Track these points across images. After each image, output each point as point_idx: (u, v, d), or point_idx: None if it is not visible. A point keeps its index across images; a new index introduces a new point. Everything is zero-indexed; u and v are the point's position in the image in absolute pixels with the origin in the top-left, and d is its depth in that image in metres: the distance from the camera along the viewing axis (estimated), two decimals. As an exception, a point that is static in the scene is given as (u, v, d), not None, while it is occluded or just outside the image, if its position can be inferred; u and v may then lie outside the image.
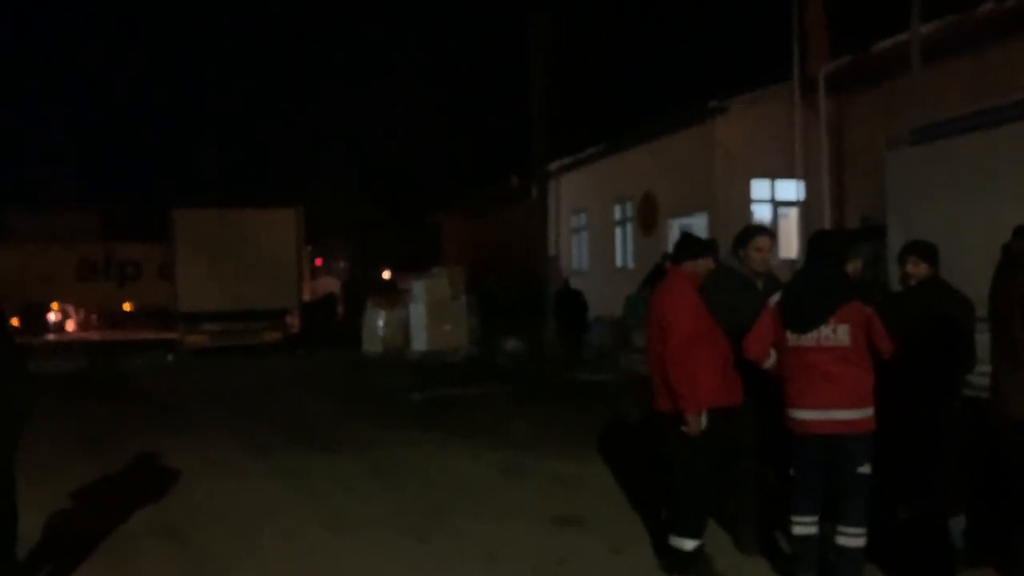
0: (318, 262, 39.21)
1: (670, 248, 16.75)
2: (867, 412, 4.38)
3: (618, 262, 18.90)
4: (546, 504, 6.34)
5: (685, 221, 16.13)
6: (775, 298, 4.64)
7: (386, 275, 33.37)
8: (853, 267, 5.43)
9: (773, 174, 15.12)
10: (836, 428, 4.36)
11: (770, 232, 5.49)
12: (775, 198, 15.35)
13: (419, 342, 18.42)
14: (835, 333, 4.39)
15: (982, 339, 4.83)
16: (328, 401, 12.16)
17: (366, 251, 39.24)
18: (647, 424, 8.90)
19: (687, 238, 5.25)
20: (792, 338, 4.50)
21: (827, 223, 14.23)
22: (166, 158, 50.09)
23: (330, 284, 33.73)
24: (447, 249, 29.92)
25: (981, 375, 4.76)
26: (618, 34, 26.67)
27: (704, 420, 4.79)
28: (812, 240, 4.77)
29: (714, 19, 24.46)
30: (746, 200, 15.04)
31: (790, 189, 15.02)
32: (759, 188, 15.27)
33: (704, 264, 5.02)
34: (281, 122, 41.96)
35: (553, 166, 20.52)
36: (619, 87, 26.46)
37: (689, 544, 4.80)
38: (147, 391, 13.86)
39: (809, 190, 14.76)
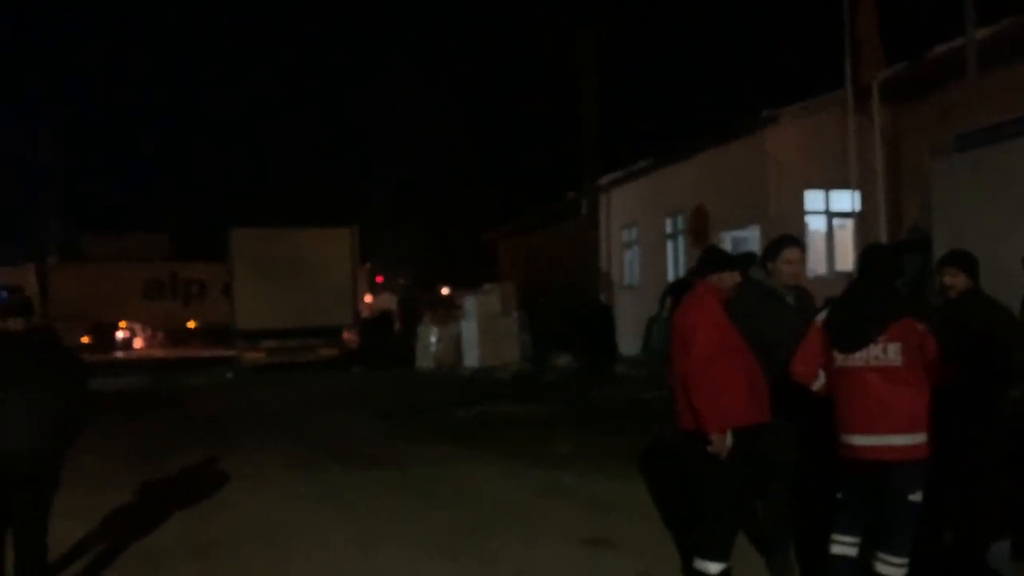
0: (379, 279, 39.66)
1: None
2: (922, 437, 4.15)
3: (670, 276, 18.66)
4: (580, 525, 6.24)
5: (738, 234, 15.86)
6: (822, 315, 4.45)
7: (444, 291, 33.57)
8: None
9: (827, 185, 14.76)
10: (890, 455, 4.14)
11: (800, 244, 5.30)
12: (829, 209, 14.97)
13: (471, 358, 18.44)
14: (885, 353, 4.16)
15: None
16: (376, 417, 12.23)
17: (426, 269, 39.64)
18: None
19: (712, 250, 5.12)
20: (840, 358, 4.29)
21: (883, 234, 13.84)
22: (231, 181, 51.40)
23: (389, 301, 34.06)
24: (502, 266, 29.98)
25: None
26: (668, 45, 26.51)
27: (729, 439, 4.65)
28: (862, 254, 4.57)
29: (765, 28, 24.14)
30: (799, 212, 14.70)
31: (845, 200, 14.65)
32: (813, 199, 14.91)
33: (730, 278, 4.87)
34: (341, 144, 42.77)
35: (604, 180, 20.43)
36: (669, 99, 26.28)
37: (714, 568, 4.65)
38: (202, 407, 14.14)
39: (864, 201, 14.38)
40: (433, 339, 19.61)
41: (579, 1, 19.23)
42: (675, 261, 18.44)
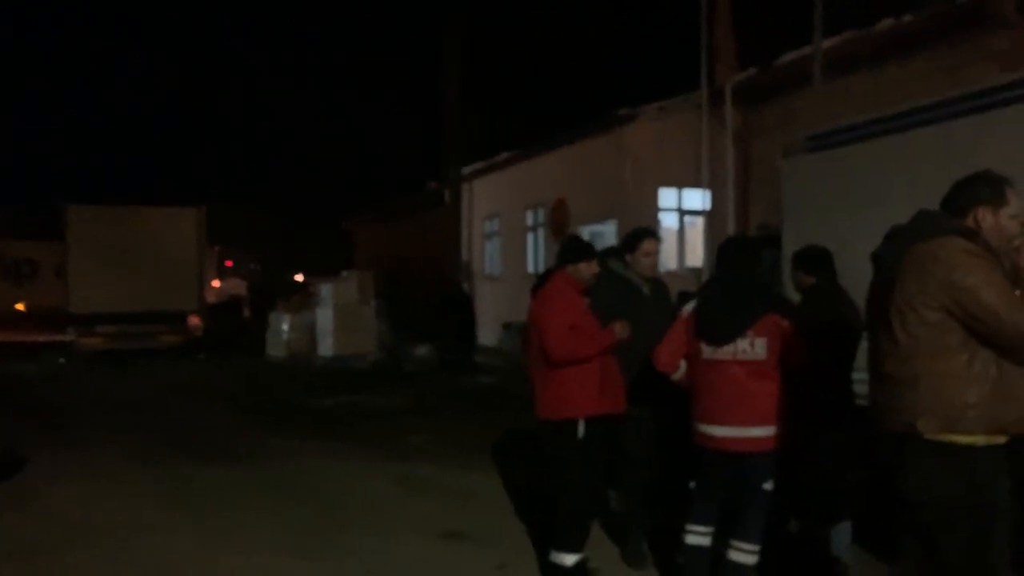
0: (228, 263, 38.24)
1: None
2: (774, 429, 4.27)
3: (529, 267, 18.83)
4: (437, 519, 6.13)
5: (595, 228, 16.14)
6: (689, 308, 4.48)
7: (298, 278, 32.67)
8: None
9: (680, 183, 15.23)
10: (748, 446, 4.24)
11: (657, 236, 5.39)
12: (682, 207, 15.47)
13: (325, 347, 17.99)
14: (752, 347, 4.25)
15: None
16: (225, 409, 11.70)
17: (280, 254, 38.51)
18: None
19: (571, 240, 5.07)
20: (707, 351, 4.34)
21: (731, 232, 14.40)
22: (70, 156, 48.20)
23: (238, 286, 32.82)
24: (360, 254, 29.46)
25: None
26: (533, 40, 26.73)
27: (582, 429, 4.64)
28: (725, 248, 4.55)
29: (627, 30, 24.73)
30: (654, 208, 15.10)
31: (696, 198, 15.15)
32: (667, 197, 15.36)
33: (587, 268, 4.82)
34: (195, 123, 40.89)
35: (466, 171, 20.36)
36: (534, 93, 26.51)
37: (569, 559, 4.65)
38: (34, 397, 13.10)
39: (714, 199, 14.91)
40: (285, 327, 18.99)
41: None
42: (535, 253, 18.60)
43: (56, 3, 53.59)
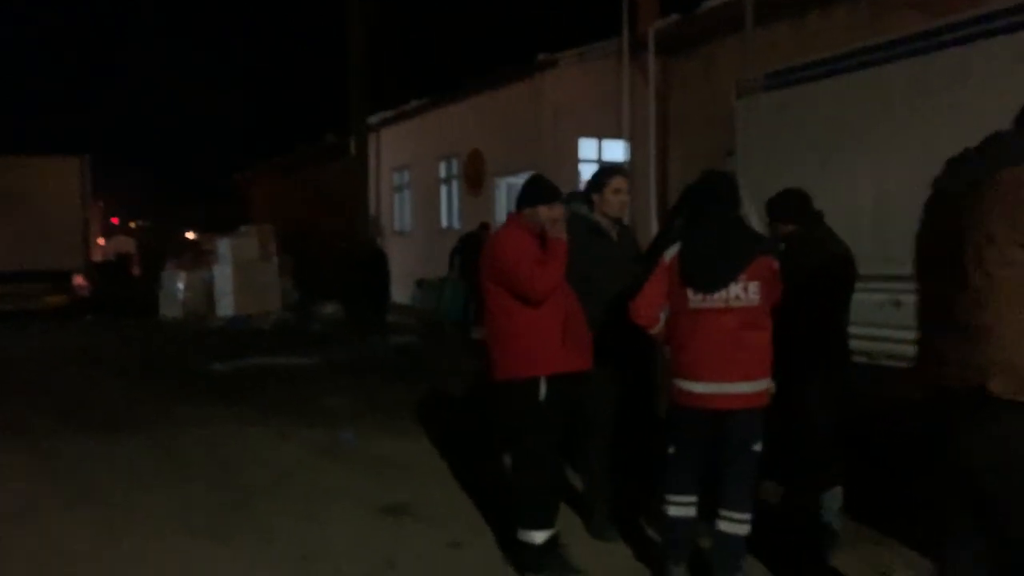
0: (114, 220, 36.27)
1: (497, 207, 16.33)
2: (767, 383, 3.83)
3: (443, 222, 18.15)
4: (372, 492, 5.50)
5: (512, 180, 15.58)
6: (672, 252, 3.93)
7: (189, 235, 31.08)
8: None
9: (600, 133, 14.78)
10: (735, 403, 3.77)
11: (626, 172, 4.84)
12: (602, 158, 15.03)
13: (224, 307, 16.94)
14: (746, 292, 3.77)
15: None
16: (115, 374, 10.66)
17: (168, 211, 36.61)
18: (477, 398, 8.32)
19: (532, 181, 4.40)
20: (695, 299, 3.83)
21: (652, 185, 14.08)
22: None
23: (126, 244, 31.00)
24: (256, 209, 28.09)
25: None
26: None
27: (543, 389, 4.10)
28: (711, 182, 4.04)
29: (540, -25, 23.98)
30: (574, 159, 14.64)
31: (617, 150, 14.74)
32: (587, 147, 14.90)
33: (547, 212, 4.19)
34: (75, 68, 38.09)
35: (373, 120, 19.42)
36: (445, 38, 25.55)
37: (539, 536, 4.12)
38: None
39: (634, 151, 14.53)
40: (180, 285, 17.78)
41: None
42: (449, 207, 17.93)
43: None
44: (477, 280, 4.41)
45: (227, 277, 17.10)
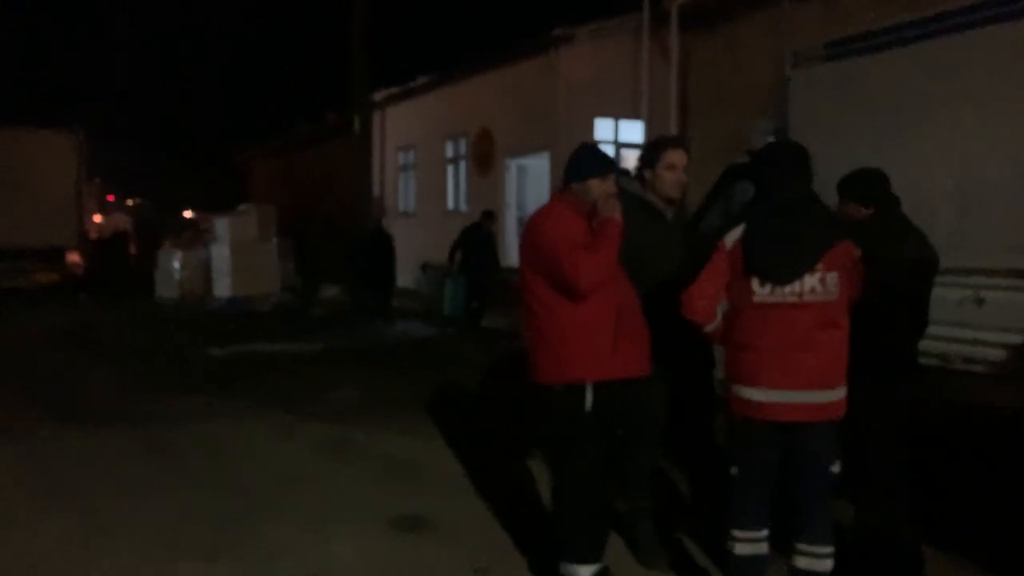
0: (110, 197, 35.65)
1: (507, 190, 15.69)
2: (843, 392, 3.27)
3: (450, 204, 17.55)
4: (380, 499, 4.95)
5: (524, 161, 14.97)
6: (733, 236, 3.34)
7: (187, 214, 30.48)
8: None
9: (618, 113, 14.14)
10: (805, 414, 3.21)
11: (685, 145, 4.22)
12: (618, 140, 14.39)
13: (222, 288, 16.45)
14: (823, 284, 3.20)
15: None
16: (105, 358, 10.12)
17: (168, 188, 36.01)
18: (489, 393, 7.78)
19: (582, 151, 3.76)
20: (761, 292, 3.25)
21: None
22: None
23: (123, 222, 30.36)
24: (257, 189, 27.48)
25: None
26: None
27: (589, 397, 3.52)
28: (779, 155, 3.47)
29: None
30: (590, 140, 13.98)
31: (634, 131, 14.11)
32: (603, 128, 14.26)
33: (599, 186, 3.61)
34: (72, 43, 37.40)
35: (378, 97, 18.80)
36: (454, 10, 24.83)
37: (585, 572, 3.54)
38: None
39: (653, 133, 13.89)
40: (177, 265, 17.30)
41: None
42: (455, 188, 17.35)
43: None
44: (482, 277, 3.81)
45: (225, 257, 16.63)
